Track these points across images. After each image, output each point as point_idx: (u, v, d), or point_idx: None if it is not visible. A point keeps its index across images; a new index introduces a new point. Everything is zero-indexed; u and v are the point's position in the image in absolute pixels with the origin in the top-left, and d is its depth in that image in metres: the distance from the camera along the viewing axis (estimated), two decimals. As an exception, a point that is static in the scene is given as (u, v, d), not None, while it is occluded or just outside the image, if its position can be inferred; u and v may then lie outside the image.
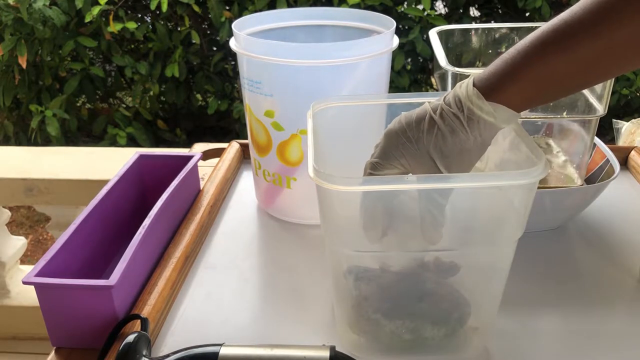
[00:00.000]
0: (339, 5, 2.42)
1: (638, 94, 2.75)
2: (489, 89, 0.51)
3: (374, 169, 0.54)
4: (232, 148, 0.97)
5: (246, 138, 0.85)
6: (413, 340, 0.56)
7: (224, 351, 0.51)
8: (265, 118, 0.76)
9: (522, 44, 0.50)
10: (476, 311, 0.57)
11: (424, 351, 0.57)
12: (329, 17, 0.85)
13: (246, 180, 0.93)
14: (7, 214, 1.73)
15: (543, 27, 0.49)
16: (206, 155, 1.00)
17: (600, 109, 0.75)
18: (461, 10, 2.74)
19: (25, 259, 2.17)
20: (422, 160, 0.52)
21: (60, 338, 0.60)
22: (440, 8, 2.80)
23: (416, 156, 0.52)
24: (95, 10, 2.46)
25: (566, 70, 0.49)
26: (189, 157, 0.82)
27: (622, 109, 2.72)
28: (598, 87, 0.75)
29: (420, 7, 2.53)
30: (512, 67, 0.50)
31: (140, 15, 2.82)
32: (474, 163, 0.53)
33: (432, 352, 0.57)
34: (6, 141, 2.86)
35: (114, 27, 2.55)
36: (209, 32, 2.85)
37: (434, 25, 0.87)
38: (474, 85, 0.51)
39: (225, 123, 3.02)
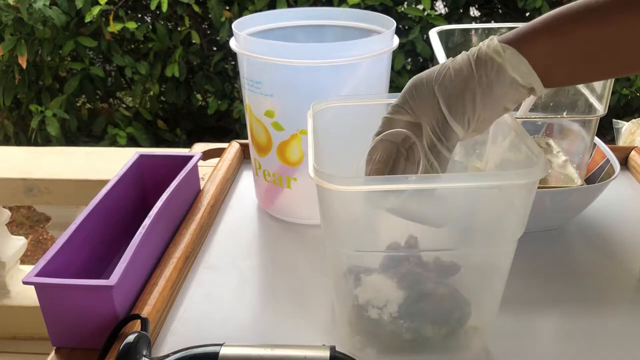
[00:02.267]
0: (339, 5, 2.42)
1: (638, 94, 2.75)
2: (507, 40, 0.51)
3: (389, 112, 0.55)
4: (232, 148, 0.97)
5: (246, 138, 0.86)
6: (413, 340, 0.56)
7: (224, 351, 0.51)
8: (266, 118, 0.76)
9: (557, 10, 0.50)
10: (476, 311, 0.57)
11: (424, 351, 0.57)
12: (329, 17, 0.85)
13: (246, 180, 0.93)
14: (7, 214, 1.73)
15: None
16: (206, 155, 1.00)
17: (600, 109, 0.75)
18: (461, 10, 2.74)
19: (25, 259, 2.17)
20: (429, 101, 0.52)
21: (60, 338, 0.60)
22: (440, 8, 2.80)
23: (424, 97, 0.52)
24: (95, 10, 2.46)
25: (591, 44, 0.48)
26: (189, 157, 0.82)
27: (622, 109, 2.72)
28: (598, 87, 0.75)
29: (420, 7, 2.53)
30: (542, 24, 0.50)
31: (140, 15, 2.82)
32: (477, 109, 0.51)
33: (432, 352, 0.57)
34: (6, 141, 2.86)
35: (114, 27, 2.55)
36: (209, 32, 2.85)
37: (434, 25, 0.87)
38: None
39: (225, 123, 3.02)
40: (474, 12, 2.83)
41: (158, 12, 2.70)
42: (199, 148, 1.03)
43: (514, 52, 0.50)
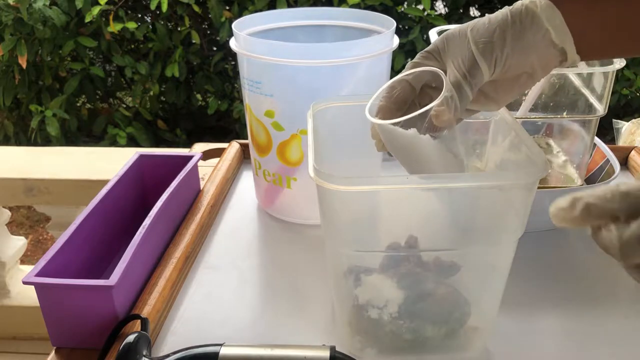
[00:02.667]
0: (339, 5, 2.42)
1: (638, 94, 2.75)
2: None
3: (416, 58, 0.54)
4: (232, 148, 0.97)
5: (246, 138, 0.85)
6: (413, 340, 0.56)
7: (224, 351, 0.51)
8: (266, 118, 0.76)
9: None
10: (476, 311, 0.57)
11: (424, 351, 0.57)
12: (329, 17, 0.85)
13: (246, 180, 0.93)
14: (7, 214, 1.73)
15: None
16: (206, 155, 1.00)
17: (600, 109, 0.75)
18: (461, 10, 2.74)
19: (25, 259, 2.17)
20: (459, 44, 0.52)
21: (60, 338, 0.60)
22: (440, 8, 2.80)
23: (455, 42, 0.52)
24: (95, 10, 2.46)
25: (627, 13, 0.49)
26: (189, 157, 0.82)
27: (622, 109, 2.72)
28: (598, 87, 0.75)
29: (420, 7, 2.53)
30: None
31: (140, 15, 2.82)
32: (505, 49, 0.51)
33: (432, 352, 0.57)
34: (6, 141, 2.86)
35: (114, 27, 2.55)
36: (209, 32, 2.85)
37: (434, 25, 0.87)
38: None
39: (225, 123, 3.02)
40: (474, 12, 2.83)
41: (158, 12, 2.70)
42: (199, 148, 1.03)
43: (549, 4, 0.50)
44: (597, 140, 0.82)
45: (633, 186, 0.37)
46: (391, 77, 0.80)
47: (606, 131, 1.69)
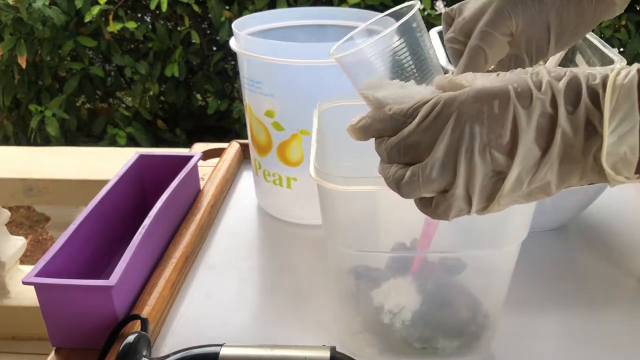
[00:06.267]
0: (339, 5, 2.42)
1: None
2: None
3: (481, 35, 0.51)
4: (232, 148, 0.97)
5: (246, 138, 0.85)
6: (411, 336, 0.56)
7: (224, 351, 0.51)
8: (266, 118, 0.76)
9: None
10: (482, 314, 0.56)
11: (425, 352, 0.57)
12: (329, 17, 0.84)
13: (246, 180, 0.93)
14: (7, 214, 1.73)
15: None
16: (206, 155, 1.00)
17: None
18: (461, 10, 2.74)
19: (25, 259, 2.17)
20: (537, 25, 0.50)
21: (60, 338, 0.60)
22: (441, 8, 2.80)
23: (532, 19, 0.49)
24: (95, 10, 2.46)
25: None
26: (189, 157, 0.81)
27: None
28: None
29: (420, 6, 2.53)
30: None
31: (140, 15, 2.82)
32: (578, 38, 0.51)
33: (432, 352, 0.57)
34: (6, 141, 2.86)
35: (114, 27, 2.55)
36: (209, 32, 2.84)
37: (434, 25, 0.86)
38: None
39: (225, 123, 3.01)
40: (474, 12, 2.83)
41: (158, 12, 2.70)
42: (199, 148, 1.03)
43: None
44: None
45: (397, 109, 0.41)
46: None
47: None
